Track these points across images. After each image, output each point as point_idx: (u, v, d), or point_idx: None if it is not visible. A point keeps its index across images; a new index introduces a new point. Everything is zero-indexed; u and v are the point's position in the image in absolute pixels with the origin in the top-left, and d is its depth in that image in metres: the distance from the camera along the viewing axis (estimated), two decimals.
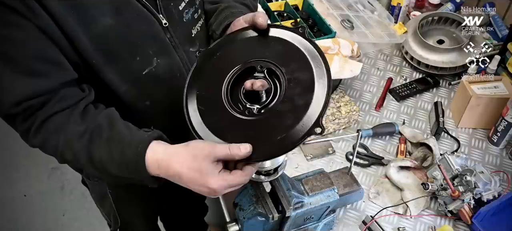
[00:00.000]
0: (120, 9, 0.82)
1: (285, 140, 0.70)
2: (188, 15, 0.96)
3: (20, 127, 0.81)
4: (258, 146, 0.72)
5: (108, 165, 0.78)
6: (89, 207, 2.28)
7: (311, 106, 0.71)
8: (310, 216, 0.98)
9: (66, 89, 0.80)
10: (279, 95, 0.76)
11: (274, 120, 0.73)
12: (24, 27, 0.72)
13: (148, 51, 0.88)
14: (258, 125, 0.74)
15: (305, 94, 0.73)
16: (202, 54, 0.87)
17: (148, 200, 1.39)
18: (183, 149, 0.76)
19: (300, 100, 0.73)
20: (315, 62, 0.76)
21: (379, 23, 1.55)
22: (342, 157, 1.28)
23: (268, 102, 0.76)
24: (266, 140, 0.72)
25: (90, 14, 0.78)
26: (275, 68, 0.78)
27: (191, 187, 0.75)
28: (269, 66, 0.79)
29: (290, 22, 1.51)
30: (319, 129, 0.69)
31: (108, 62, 0.83)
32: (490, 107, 1.29)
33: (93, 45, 0.80)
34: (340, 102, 1.34)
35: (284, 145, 0.71)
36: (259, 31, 0.85)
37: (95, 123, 0.80)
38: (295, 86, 0.75)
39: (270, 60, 0.79)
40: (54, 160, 0.84)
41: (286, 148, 0.71)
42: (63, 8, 0.74)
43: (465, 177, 1.07)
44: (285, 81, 0.76)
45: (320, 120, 0.70)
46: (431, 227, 1.09)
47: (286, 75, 0.76)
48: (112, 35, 0.82)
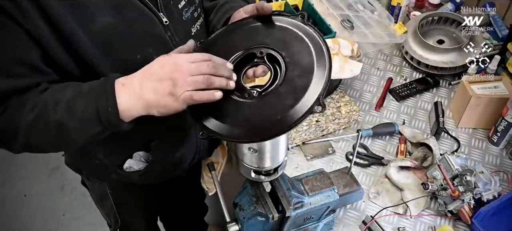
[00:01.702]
0: (121, 7, 0.82)
1: (286, 119, 0.71)
2: (187, 13, 0.96)
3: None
4: (258, 126, 0.72)
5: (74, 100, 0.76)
6: (89, 207, 2.28)
7: (310, 86, 0.72)
8: (310, 216, 0.98)
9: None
10: (279, 78, 0.76)
11: (274, 101, 0.74)
12: (12, 30, 0.73)
13: (149, 50, 0.88)
14: (258, 106, 0.75)
15: (305, 76, 0.73)
16: (202, 44, 0.87)
17: (148, 200, 1.40)
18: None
19: (299, 81, 0.73)
20: (314, 46, 0.77)
21: (379, 23, 1.55)
22: (342, 157, 1.28)
23: (269, 86, 0.76)
24: (266, 120, 0.72)
25: (90, 13, 0.78)
26: (275, 53, 0.79)
27: (154, 75, 0.74)
28: (269, 52, 0.79)
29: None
30: (319, 107, 0.69)
31: (108, 61, 0.83)
32: (490, 107, 1.29)
33: (93, 43, 0.80)
34: (340, 102, 1.34)
35: (285, 124, 0.71)
36: (261, 19, 0.85)
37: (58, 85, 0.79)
38: (295, 69, 0.75)
39: (270, 46, 0.80)
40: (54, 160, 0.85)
41: (287, 126, 0.71)
42: (62, 7, 0.74)
43: (465, 177, 1.07)
44: (284, 65, 0.76)
45: (321, 98, 0.70)
46: (431, 227, 1.09)
47: (285, 59, 0.77)
48: (112, 33, 0.82)
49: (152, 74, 0.75)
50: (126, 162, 1.08)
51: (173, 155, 1.11)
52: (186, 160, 1.16)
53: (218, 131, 0.74)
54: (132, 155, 1.08)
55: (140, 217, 1.47)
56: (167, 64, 0.74)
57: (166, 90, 0.73)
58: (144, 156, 1.09)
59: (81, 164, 1.17)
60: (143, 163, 1.09)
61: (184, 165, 1.17)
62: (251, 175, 0.89)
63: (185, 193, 1.56)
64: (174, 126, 1.03)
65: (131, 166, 1.09)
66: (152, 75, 0.75)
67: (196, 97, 0.73)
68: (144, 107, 0.76)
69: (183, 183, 1.41)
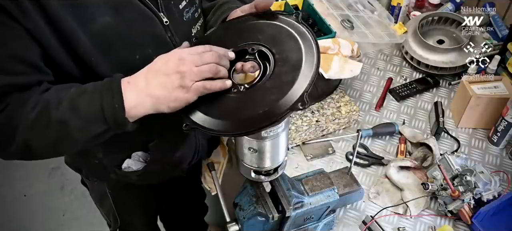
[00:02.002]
0: (121, 7, 0.82)
1: (269, 112, 0.71)
2: (188, 14, 0.96)
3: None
4: (242, 118, 0.73)
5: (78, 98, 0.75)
6: (89, 207, 2.28)
7: (296, 83, 0.72)
8: (310, 216, 0.98)
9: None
10: (268, 74, 0.77)
11: (260, 95, 0.74)
12: (11, 27, 0.73)
13: (148, 50, 0.88)
14: (244, 100, 0.75)
15: (292, 72, 0.74)
16: (197, 40, 0.88)
17: (147, 200, 1.39)
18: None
19: (286, 77, 0.74)
20: (305, 44, 0.78)
21: (379, 23, 1.55)
22: (342, 157, 1.28)
23: (257, 82, 0.77)
24: (249, 114, 0.73)
25: (90, 13, 0.78)
26: (266, 50, 0.80)
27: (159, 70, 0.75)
28: (260, 49, 0.80)
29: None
30: (302, 104, 0.70)
31: (107, 61, 0.83)
32: (490, 107, 1.29)
33: (93, 43, 0.80)
34: (340, 102, 1.34)
35: (267, 117, 0.71)
36: (256, 18, 0.86)
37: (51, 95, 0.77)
38: (283, 65, 0.76)
39: (261, 43, 0.81)
40: (54, 160, 0.85)
41: (269, 120, 0.71)
42: (62, 7, 0.75)
43: (465, 177, 1.07)
44: (274, 61, 0.77)
45: (305, 96, 0.70)
46: (431, 227, 1.09)
47: (275, 56, 0.78)
48: (112, 33, 0.82)
49: (157, 71, 0.75)
50: (124, 162, 1.08)
51: (172, 155, 1.11)
52: (185, 160, 1.16)
53: (201, 123, 0.75)
54: (131, 155, 1.08)
55: (140, 217, 1.46)
56: (171, 59, 0.75)
57: (175, 84, 0.73)
58: (143, 156, 1.09)
59: (80, 163, 1.17)
60: (141, 163, 1.09)
61: (183, 165, 1.17)
62: (251, 175, 0.89)
63: (185, 193, 1.56)
64: (173, 126, 1.03)
65: (129, 166, 1.09)
66: (158, 71, 0.75)
67: (209, 86, 0.74)
68: (153, 104, 0.76)
69: (183, 183, 1.41)
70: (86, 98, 0.75)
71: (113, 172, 1.10)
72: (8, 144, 0.76)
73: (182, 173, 1.21)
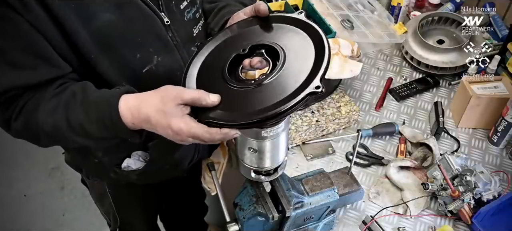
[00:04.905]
0: (122, 6, 0.82)
1: (267, 110, 0.71)
2: (189, 14, 0.97)
3: (1, 115, 0.83)
4: (243, 113, 0.73)
5: (87, 126, 0.80)
6: (89, 206, 2.28)
7: (302, 81, 0.72)
8: (310, 216, 0.98)
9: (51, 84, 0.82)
10: (276, 72, 0.77)
11: (270, 90, 0.74)
12: (15, 21, 0.74)
13: (149, 49, 0.88)
14: (254, 95, 0.75)
15: (305, 61, 0.74)
16: (201, 45, 0.87)
17: (147, 199, 1.39)
18: (153, 93, 0.77)
19: (299, 66, 0.75)
20: (314, 41, 0.78)
21: (379, 23, 1.55)
22: (342, 157, 1.28)
23: (266, 77, 0.77)
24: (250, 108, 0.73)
25: (91, 10, 0.79)
26: (274, 46, 0.80)
27: (159, 131, 0.76)
28: (268, 47, 0.81)
29: None
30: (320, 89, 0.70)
31: (107, 58, 0.84)
32: (490, 107, 1.29)
33: (93, 40, 0.81)
34: (340, 102, 1.34)
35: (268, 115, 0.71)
36: (261, 19, 0.86)
37: (69, 91, 0.81)
38: (294, 57, 0.77)
39: (270, 42, 0.81)
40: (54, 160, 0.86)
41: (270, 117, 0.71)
42: (65, 4, 0.76)
43: (465, 177, 1.07)
44: (283, 59, 0.77)
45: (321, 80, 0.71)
46: (431, 227, 1.09)
47: (285, 54, 0.78)
48: (112, 31, 0.82)
49: (156, 129, 0.77)
50: (124, 161, 1.08)
51: (172, 154, 1.11)
52: (185, 160, 1.16)
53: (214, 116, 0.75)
54: (131, 154, 1.08)
55: (140, 217, 1.46)
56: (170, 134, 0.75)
57: (169, 136, 0.77)
58: (143, 155, 1.09)
59: (80, 163, 1.18)
60: (141, 163, 1.09)
61: (183, 165, 1.17)
62: (251, 175, 0.89)
63: (185, 193, 1.56)
64: None
65: (129, 166, 1.09)
66: (156, 130, 0.77)
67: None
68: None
69: (183, 183, 1.40)
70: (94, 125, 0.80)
71: (113, 171, 1.10)
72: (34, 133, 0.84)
73: (182, 173, 1.21)
